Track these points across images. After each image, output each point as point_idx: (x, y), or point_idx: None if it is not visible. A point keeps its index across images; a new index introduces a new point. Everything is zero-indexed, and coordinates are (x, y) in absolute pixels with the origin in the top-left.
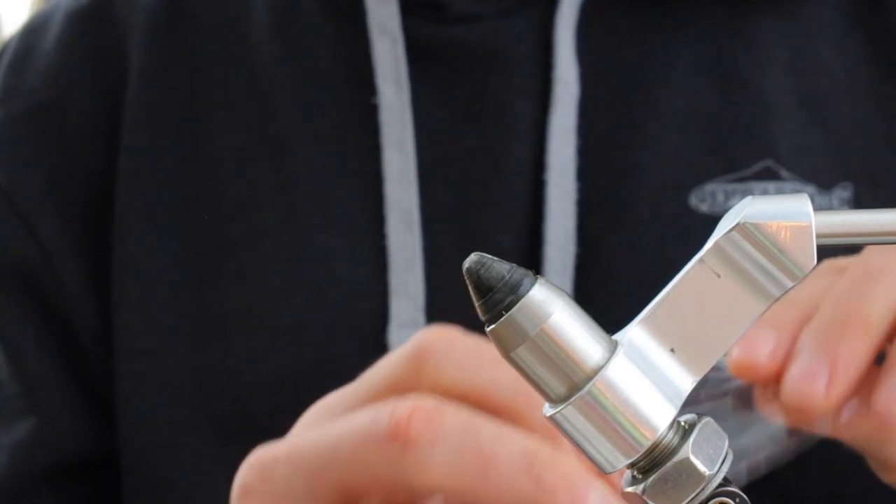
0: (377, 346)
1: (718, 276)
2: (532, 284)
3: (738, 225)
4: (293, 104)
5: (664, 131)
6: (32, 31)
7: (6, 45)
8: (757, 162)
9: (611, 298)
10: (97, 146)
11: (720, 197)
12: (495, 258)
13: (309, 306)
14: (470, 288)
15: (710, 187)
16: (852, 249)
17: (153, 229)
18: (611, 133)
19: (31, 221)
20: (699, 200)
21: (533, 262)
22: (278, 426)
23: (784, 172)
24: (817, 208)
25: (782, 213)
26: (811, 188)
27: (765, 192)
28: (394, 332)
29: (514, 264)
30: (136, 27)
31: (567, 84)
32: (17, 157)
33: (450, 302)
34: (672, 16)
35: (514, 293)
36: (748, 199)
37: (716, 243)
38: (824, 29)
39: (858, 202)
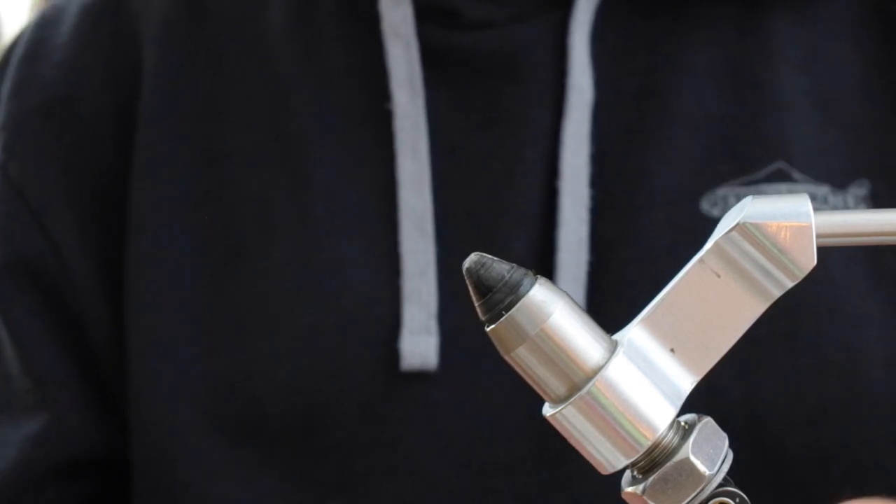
0: (389, 352)
1: (718, 276)
2: (532, 284)
3: (737, 225)
4: (308, 105)
5: (676, 136)
6: (46, 23)
7: (19, 36)
8: (769, 164)
9: (623, 305)
10: (110, 140)
11: (732, 201)
12: (495, 258)
13: (322, 311)
14: (470, 288)
15: (721, 192)
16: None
17: (167, 228)
18: (623, 138)
19: (42, 217)
20: (711, 205)
21: (546, 269)
22: (290, 430)
23: (797, 174)
24: (832, 208)
25: (782, 213)
26: (825, 188)
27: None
28: (406, 338)
29: (514, 264)
30: (151, 21)
31: (581, 90)
32: (30, 150)
33: (462, 308)
34: (686, 20)
35: (513, 293)
36: (748, 198)
37: (716, 243)
38: (838, 26)
39: (876, 198)
